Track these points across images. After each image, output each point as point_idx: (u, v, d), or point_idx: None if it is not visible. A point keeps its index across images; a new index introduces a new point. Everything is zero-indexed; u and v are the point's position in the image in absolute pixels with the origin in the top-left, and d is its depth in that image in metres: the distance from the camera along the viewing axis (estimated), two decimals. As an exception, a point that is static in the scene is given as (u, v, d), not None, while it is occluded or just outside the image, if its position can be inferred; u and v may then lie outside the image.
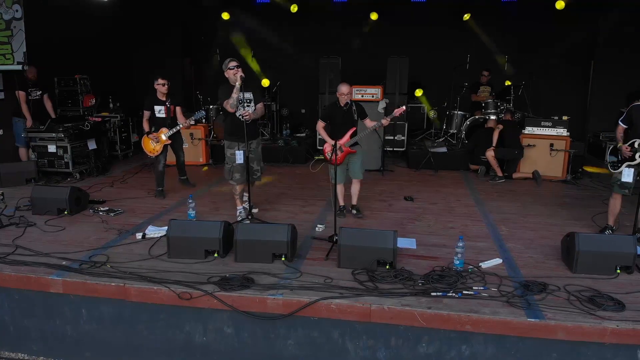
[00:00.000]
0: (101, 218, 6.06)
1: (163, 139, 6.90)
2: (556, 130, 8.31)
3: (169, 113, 6.96)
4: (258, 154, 5.98)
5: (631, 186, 5.36)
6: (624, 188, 5.40)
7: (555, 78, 10.96)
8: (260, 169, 6.10)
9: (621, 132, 5.49)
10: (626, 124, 5.44)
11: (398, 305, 3.86)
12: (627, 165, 5.31)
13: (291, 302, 3.96)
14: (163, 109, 6.94)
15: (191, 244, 4.71)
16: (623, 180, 5.35)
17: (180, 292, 4.11)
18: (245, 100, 5.66)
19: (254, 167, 5.96)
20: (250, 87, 5.74)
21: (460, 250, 4.48)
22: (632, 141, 5.28)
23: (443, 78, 10.54)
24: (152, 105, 6.92)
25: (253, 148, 5.84)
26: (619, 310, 3.80)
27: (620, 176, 5.37)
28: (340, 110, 5.84)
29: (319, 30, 11.65)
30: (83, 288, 4.32)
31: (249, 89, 5.71)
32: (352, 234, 4.67)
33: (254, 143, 5.85)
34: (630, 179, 5.31)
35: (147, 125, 7.04)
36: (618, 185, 5.43)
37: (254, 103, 5.73)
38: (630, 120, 5.37)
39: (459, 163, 9.09)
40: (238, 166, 5.76)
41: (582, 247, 4.45)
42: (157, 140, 6.90)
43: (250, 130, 5.71)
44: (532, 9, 10.72)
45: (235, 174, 5.80)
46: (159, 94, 6.92)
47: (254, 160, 5.92)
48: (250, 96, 5.71)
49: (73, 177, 7.99)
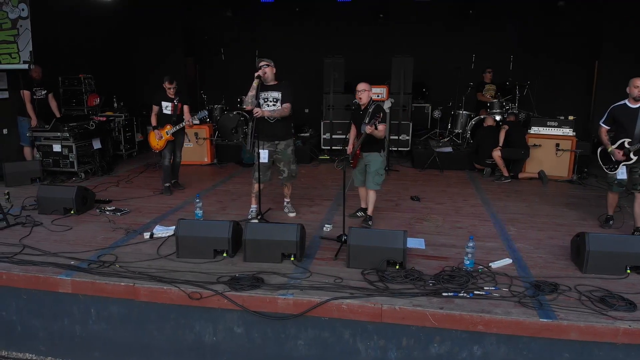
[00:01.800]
0: (108, 218, 6.05)
1: (166, 136, 7.00)
2: (562, 130, 8.31)
3: (175, 110, 7.04)
4: (287, 156, 5.82)
5: (625, 182, 5.53)
6: (622, 186, 5.57)
7: (559, 78, 10.95)
8: (289, 170, 5.91)
9: (604, 133, 5.62)
10: (608, 125, 5.58)
11: (409, 305, 3.85)
12: (623, 165, 5.44)
13: (302, 302, 3.95)
14: (170, 106, 7.04)
15: (200, 244, 4.70)
16: (619, 178, 5.50)
17: (190, 292, 4.10)
18: (271, 98, 5.61)
19: (280, 167, 5.88)
20: (281, 87, 5.66)
21: (470, 251, 4.47)
22: (620, 141, 5.39)
23: (448, 78, 10.52)
24: (160, 101, 7.04)
25: (280, 149, 5.77)
26: (630, 310, 3.79)
27: (616, 175, 5.52)
28: (356, 111, 5.73)
29: (323, 29, 11.65)
30: (92, 288, 4.31)
31: (279, 88, 5.64)
32: (362, 233, 4.66)
33: (282, 144, 5.76)
34: (625, 176, 5.47)
35: (154, 119, 7.15)
36: (616, 185, 5.58)
37: (280, 102, 5.62)
38: (613, 120, 5.51)
39: (464, 163, 9.08)
40: (260, 165, 5.65)
41: (592, 247, 4.43)
42: (160, 136, 6.98)
43: (276, 130, 5.67)
44: (536, 8, 10.71)
45: (255, 172, 5.72)
46: (167, 92, 7.02)
47: (281, 161, 5.83)
48: (277, 95, 5.61)
49: (78, 176, 7.98)
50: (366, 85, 5.56)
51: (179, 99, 7.07)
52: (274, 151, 5.77)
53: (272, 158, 5.80)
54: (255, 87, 5.42)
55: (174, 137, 7.09)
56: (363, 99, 5.54)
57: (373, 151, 5.60)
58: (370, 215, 5.81)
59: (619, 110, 5.45)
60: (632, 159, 5.35)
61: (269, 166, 5.81)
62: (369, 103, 5.52)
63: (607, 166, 5.60)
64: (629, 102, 5.39)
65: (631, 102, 5.36)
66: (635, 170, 5.42)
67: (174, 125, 7.00)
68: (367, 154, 5.60)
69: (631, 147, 5.31)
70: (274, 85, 5.64)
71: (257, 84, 5.42)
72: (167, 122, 7.03)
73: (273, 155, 5.79)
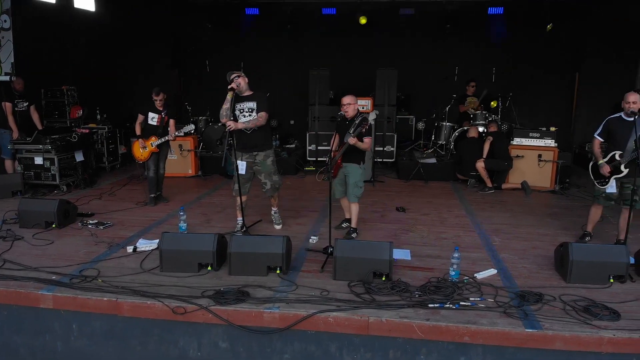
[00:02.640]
0: (90, 231, 5.95)
1: (151, 147, 6.98)
2: (544, 141, 8.42)
3: (162, 123, 7.02)
4: (267, 167, 5.74)
5: (615, 196, 5.43)
6: (610, 200, 5.48)
7: (541, 89, 11.12)
8: (272, 182, 5.84)
9: (598, 145, 5.55)
10: (603, 137, 5.51)
11: (396, 317, 3.84)
12: (615, 178, 5.35)
13: (288, 316, 3.92)
14: (157, 118, 7.01)
15: (184, 257, 4.65)
16: (608, 192, 5.40)
17: (174, 306, 4.04)
18: (247, 109, 5.57)
19: (262, 179, 5.82)
20: (255, 97, 5.62)
21: (455, 261, 4.48)
22: (611, 154, 5.33)
23: (431, 89, 10.63)
24: (147, 111, 7.02)
25: (260, 160, 5.71)
26: (614, 319, 3.82)
27: (605, 189, 5.42)
28: (341, 122, 5.71)
29: (308, 41, 11.72)
30: (74, 303, 4.23)
31: (254, 98, 5.60)
32: (348, 245, 4.65)
33: (260, 155, 5.70)
34: (615, 190, 5.38)
35: (138, 128, 7.13)
36: (603, 198, 5.49)
37: (256, 112, 5.57)
38: (607, 133, 5.45)
39: (448, 174, 9.14)
40: (240, 177, 5.61)
41: (575, 257, 4.48)
42: (144, 147, 6.98)
43: (254, 141, 5.62)
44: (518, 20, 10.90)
45: (234, 185, 5.67)
46: (155, 104, 6.99)
47: (261, 172, 5.76)
48: (253, 105, 5.56)
49: (60, 189, 7.87)
50: (352, 99, 5.55)
51: (166, 112, 7.04)
52: (253, 162, 5.72)
53: (252, 170, 5.76)
54: (230, 99, 5.40)
55: (159, 148, 7.06)
56: (349, 112, 5.52)
57: (353, 162, 5.57)
58: (355, 228, 5.81)
59: (615, 122, 5.38)
60: (622, 171, 5.26)
61: (248, 178, 5.75)
62: (356, 115, 5.50)
63: (598, 180, 5.50)
64: (624, 114, 5.29)
65: (626, 115, 5.26)
66: (626, 185, 5.33)
67: (159, 138, 6.98)
68: (347, 164, 5.57)
69: (622, 160, 5.23)
70: (249, 96, 5.60)
71: (231, 97, 5.40)
72: (152, 134, 7.00)
73: (252, 167, 5.74)
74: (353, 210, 5.77)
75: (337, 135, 5.65)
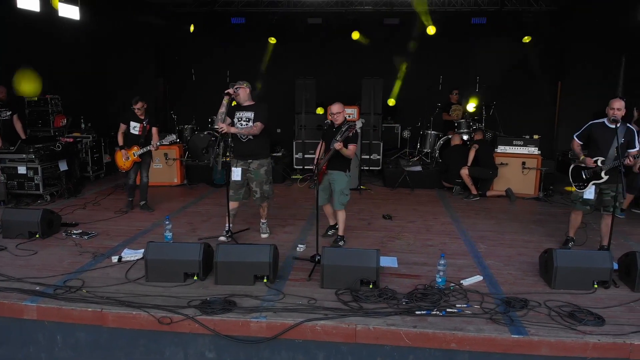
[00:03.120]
0: (75, 241, 5.88)
1: (133, 157, 7.02)
2: (528, 149, 8.53)
3: (143, 132, 7.05)
4: (259, 176, 5.79)
5: (593, 202, 5.48)
6: (586, 205, 5.53)
7: (524, 98, 11.28)
8: (262, 191, 5.86)
9: (577, 146, 5.58)
10: (581, 140, 5.53)
11: (383, 325, 3.85)
12: (593, 184, 5.41)
13: (275, 325, 3.90)
14: (138, 127, 7.04)
15: (170, 267, 4.61)
16: (585, 198, 5.45)
17: (160, 316, 4.01)
18: (244, 118, 5.67)
19: (252, 187, 5.87)
20: (254, 107, 5.73)
21: (442, 268, 4.50)
22: (595, 159, 5.37)
23: (416, 98, 10.72)
24: (129, 121, 7.05)
25: (253, 168, 5.77)
26: (599, 324, 3.87)
27: (582, 194, 5.47)
28: (328, 129, 5.70)
29: (294, 50, 11.76)
30: (58, 314, 4.18)
31: (252, 108, 5.71)
32: (335, 253, 4.65)
33: (254, 163, 5.76)
34: (592, 196, 5.42)
35: (121, 138, 7.17)
36: (580, 203, 5.54)
37: (252, 122, 5.65)
38: (588, 137, 5.46)
39: (433, 181, 9.21)
40: (232, 183, 5.75)
41: (560, 263, 4.53)
42: (127, 157, 7.02)
43: (249, 149, 5.71)
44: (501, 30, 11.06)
45: (230, 191, 5.77)
46: (136, 113, 7.00)
47: (253, 181, 5.82)
48: (250, 115, 5.67)
49: (43, 199, 7.77)
50: (340, 107, 5.59)
51: (148, 120, 7.07)
52: (246, 170, 5.78)
53: (246, 177, 5.80)
54: (225, 104, 5.49)
55: (141, 158, 7.09)
56: (338, 120, 5.57)
57: (339, 169, 5.58)
58: (342, 235, 5.82)
59: (597, 127, 5.38)
60: (602, 178, 5.30)
61: (241, 184, 5.82)
62: (343, 122, 5.55)
63: (576, 183, 5.55)
64: (608, 121, 5.26)
65: (609, 122, 5.27)
66: (605, 192, 5.38)
67: (141, 147, 7.00)
68: (332, 171, 5.57)
69: (603, 167, 5.27)
70: (249, 106, 5.73)
71: (226, 101, 5.49)
72: (134, 143, 7.03)
73: (245, 174, 5.79)
74: (340, 218, 5.78)
75: (323, 143, 5.67)
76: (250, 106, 5.72)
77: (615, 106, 5.13)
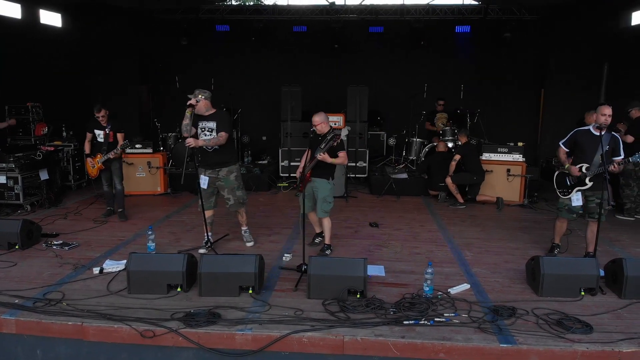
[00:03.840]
0: (55, 252, 5.73)
1: (98, 165, 7.01)
2: (512, 156, 8.56)
3: (107, 138, 6.99)
4: (230, 182, 5.79)
5: (579, 210, 5.48)
6: (572, 213, 5.52)
7: (508, 105, 11.37)
8: (235, 197, 5.87)
9: (563, 153, 5.56)
10: (567, 147, 5.52)
11: (371, 335, 3.79)
12: (577, 190, 5.40)
13: (261, 337, 3.82)
14: (102, 134, 7.02)
15: (153, 279, 4.50)
16: (573, 205, 5.45)
17: (142, 329, 3.90)
18: (207, 129, 5.65)
19: (225, 195, 5.86)
20: (216, 116, 5.69)
21: (429, 277, 4.47)
22: (579, 165, 5.37)
23: (401, 106, 10.73)
24: (93, 129, 7.06)
25: (222, 176, 5.76)
26: (587, 332, 3.86)
27: (568, 201, 5.46)
28: (314, 138, 5.67)
29: (280, 58, 11.74)
30: (37, 328, 4.06)
31: (214, 117, 5.67)
32: (322, 262, 4.59)
33: (223, 170, 5.75)
34: (579, 203, 5.42)
35: (87, 146, 7.25)
36: (566, 210, 5.53)
37: (216, 132, 5.65)
38: (573, 144, 5.46)
39: (419, 189, 9.20)
40: (202, 192, 5.70)
41: (546, 270, 4.52)
42: (93, 165, 7.05)
43: (216, 158, 5.69)
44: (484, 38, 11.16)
45: (200, 200, 5.72)
46: (99, 120, 6.99)
47: (224, 188, 5.81)
48: (212, 125, 5.65)
49: (24, 209, 7.61)
50: (322, 117, 5.55)
51: (110, 127, 6.99)
52: (215, 178, 5.77)
53: (215, 185, 5.81)
54: (189, 116, 5.46)
55: (106, 165, 7.02)
56: (321, 130, 5.53)
57: (322, 177, 5.56)
58: (328, 244, 5.76)
59: (582, 134, 5.39)
60: (587, 184, 5.31)
61: (211, 192, 5.83)
62: (328, 131, 5.52)
63: (560, 190, 5.56)
64: (593, 129, 5.29)
65: (595, 129, 5.29)
66: (590, 199, 5.39)
67: (103, 154, 6.93)
68: (316, 179, 5.55)
69: (587, 173, 5.27)
70: (209, 116, 5.68)
71: (189, 113, 5.46)
72: (98, 151, 7.03)
73: (215, 183, 5.79)
74: (325, 226, 5.73)
75: (309, 150, 5.65)
76: (211, 115, 5.68)
77: (605, 112, 5.14)
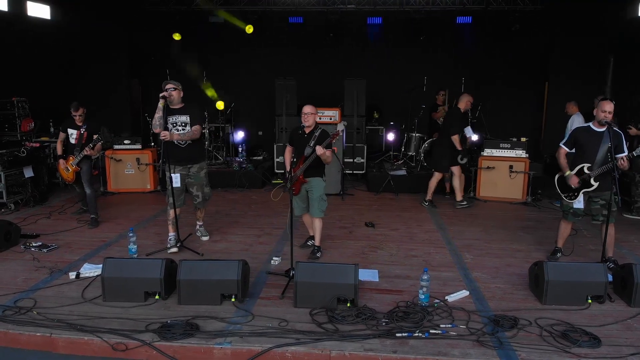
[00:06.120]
0: (33, 255, 5.47)
1: (72, 167, 6.63)
2: (515, 151, 8.24)
3: (80, 139, 6.62)
4: (200, 179, 5.70)
5: (582, 212, 5.17)
6: (577, 216, 5.23)
7: (510, 99, 11.03)
8: (203, 195, 5.78)
9: (563, 156, 5.25)
10: (569, 147, 5.24)
11: (360, 350, 3.50)
12: (584, 192, 5.08)
13: (240, 352, 3.54)
14: (75, 134, 6.66)
15: (129, 285, 4.23)
16: (575, 207, 5.14)
17: (114, 342, 3.63)
18: (180, 123, 5.48)
19: (194, 192, 5.74)
20: (188, 110, 5.53)
21: (425, 284, 4.17)
22: (579, 167, 5.07)
23: (400, 100, 10.40)
24: (67, 128, 6.71)
25: (193, 172, 5.63)
26: (595, 346, 3.56)
27: (572, 204, 5.15)
28: (301, 135, 5.35)
29: (275, 51, 11.42)
30: (4, 338, 3.82)
31: (186, 111, 5.51)
32: (310, 268, 4.29)
33: (194, 167, 5.63)
34: (582, 205, 5.11)
35: (59, 147, 6.84)
36: (571, 214, 5.23)
37: (189, 126, 5.48)
38: (575, 143, 5.19)
39: (419, 186, 8.86)
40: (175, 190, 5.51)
41: (551, 277, 4.22)
42: (66, 168, 6.67)
43: (188, 154, 5.57)
44: (486, 30, 10.82)
45: (169, 198, 5.55)
46: (75, 119, 6.63)
47: (194, 185, 5.70)
48: (186, 119, 5.49)
49: (7, 207, 7.34)
50: (312, 108, 5.31)
51: (86, 127, 6.63)
52: (186, 175, 5.62)
53: (185, 182, 5.66)
54: (162, 108, 5.30)
55: (80, 167, 6.63)
56: (310, 121, 5.26)
57: (316, 176, 5.31)
58: (319, 246, 5.47)
59: (582, 133, 5.11)
60: (592, 185, 4.98)
61: (182, 190, 5.67)
62: (315, 127, 5.27)
63: (565, 194, 5.21)
64: (594, 125, 5.03)
65: (596, 125, 4.99)
66: (595, 200, 5.08)
67: (75, 156, 6.58)
68: (310, 178, 5.28)
69: (591, 173, 4.97)
70: (181, 109, 5.51)
71: (162, 105, 5.30)
72: (71, 152, 6.65)
73: (185, 179, 5.65)
74: (317, 227, 5.44)
75: (291, 148, 5.44)
76: (181, 109, 5.51)
77: (606, 109, 4.85)
